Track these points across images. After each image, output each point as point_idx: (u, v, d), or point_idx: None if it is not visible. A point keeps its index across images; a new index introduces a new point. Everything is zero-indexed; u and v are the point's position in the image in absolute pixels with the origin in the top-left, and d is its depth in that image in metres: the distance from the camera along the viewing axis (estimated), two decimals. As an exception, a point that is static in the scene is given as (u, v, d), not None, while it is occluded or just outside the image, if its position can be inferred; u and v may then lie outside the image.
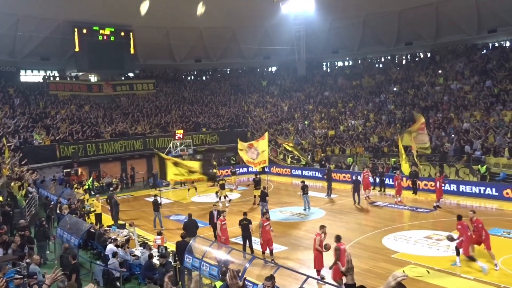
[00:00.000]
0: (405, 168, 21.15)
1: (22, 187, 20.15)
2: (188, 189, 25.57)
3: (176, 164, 17.77)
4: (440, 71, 32.94)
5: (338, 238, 10.67)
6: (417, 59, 37.55)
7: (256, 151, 20.62)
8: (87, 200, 21.15)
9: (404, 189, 21.26)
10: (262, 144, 20.69)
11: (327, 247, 11.01)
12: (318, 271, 11.35)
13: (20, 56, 34.62)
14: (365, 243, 14.48)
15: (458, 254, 11.81)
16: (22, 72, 36.07)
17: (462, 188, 21.32)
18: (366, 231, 15.83)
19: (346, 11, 36.03)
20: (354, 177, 21.57)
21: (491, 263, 11.42)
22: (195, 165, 18.00)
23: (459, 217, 12.00)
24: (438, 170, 21.69)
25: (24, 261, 11.23)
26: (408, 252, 13.26)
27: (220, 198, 22.37)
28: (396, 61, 38.85)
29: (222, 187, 22.64)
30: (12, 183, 19.71)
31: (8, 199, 18.90)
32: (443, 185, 19.67)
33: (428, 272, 11.48)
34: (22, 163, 24.07)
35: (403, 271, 11.25)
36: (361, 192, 20.98)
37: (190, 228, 14.14)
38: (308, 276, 9.11)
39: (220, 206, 20.16)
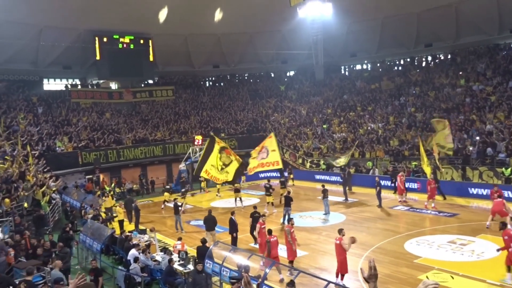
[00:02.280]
0: (427, 171, 20.86)
1: (45, 193, 20.59)
2: (218, 189, 26.02)
3: (221, 151, 17.70)
4: (461, 73, 32.43)
5: (269, 232, 12.45)
6: (437, 60, 37.05)
7: (266, 150, 20.26)
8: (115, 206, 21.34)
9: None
10: (270, 143, 20.09)
11: (353, 241, 10.85)
12: (343, 275, 11.22)
13: (43, 65, 35.46)
14: (387, 248, 14.28)
15: (509, 270, 10.76)
16: (45, 81, 36.94)
17: (486, 191, 20.82)
18: (388, 236, 15.61)
19: (364, 14, 35.83)
20: (376, 180, 21.32)
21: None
22: (234, 165, 17.81)
23: (505, 225, 11.12)
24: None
25: (48, 266, 11.43)
26: (431, 257, 13.00)
27: (236, 201, 22.57)
28: (416, 63, 38.40)
29: (237, 190, 22.75)
30: (36, 190, 20.15)
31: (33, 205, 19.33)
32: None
33: (452, 278, 11.24)
34: (45, 170, 24.58)
35: (427, 277, 11.08)
36: (383, 195, 20.74)
37: (208, 223, 15.63)
38: (329, 282, 9.03)
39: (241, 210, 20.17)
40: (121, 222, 18.72)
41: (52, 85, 37.55)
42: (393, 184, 23.60)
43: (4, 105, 30.86)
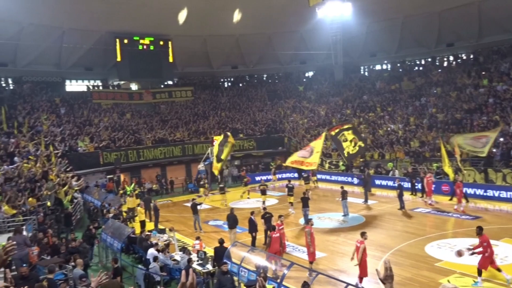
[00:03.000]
0: (449, 173, 20.49)
1: (67, 192, 20.99)
2: (243, 192, 26.14)
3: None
4: (484, 72, 31.75)
5: (273, 227, 13.24)
6: (459, 60, 36.39)
7: (311, 150, 20.23)
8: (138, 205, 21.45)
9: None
10: (318, 144, 20.09)
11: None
12: (361, 279, 11.11)
13: (65, 67, 36.19)
14: (407, 250, 14.08)
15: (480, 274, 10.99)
16: (67, 82, 37.70)
17: (510, 194, 20.33)
18: (408, 239, 15.39)
19: (384, 14, 35.42)
20: (396, 182, 21.04)
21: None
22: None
23: (481, 229, 11.26)
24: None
25: (70, 264, 11.65)
26: (452, 261, 12.73)
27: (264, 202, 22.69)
28: (437, 63, 37.79)
29: (264, 192, 22.79)
30: (59, 189, 20.56)
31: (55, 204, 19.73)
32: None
33: (475, 282, 11.02)
34: (68, 169, 25.06)
35: (448, 281, 10.88)
36: (405, 197, 20.49)
37: (230, 221, 16.04)
38: (348, 284, 8.96)
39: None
40: (142, 222, 18.93)
41: (74, 86, 38.31)
42: (414, 186, 23.30)
43: (28, 106, 31.59)
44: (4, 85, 34.13)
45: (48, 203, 19.34)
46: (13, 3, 27.58)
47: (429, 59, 38.31)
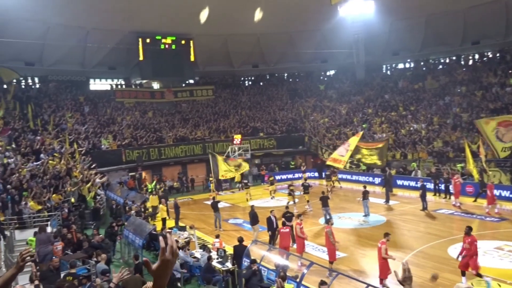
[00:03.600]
0: (474, 174, 20.03)
1: (91, 189, 21.40)
2: (272, 190, 25.95)
3: (225, 160, 22.68)
4: (511, 71, 30.91)
5: (283, 223, 14.03)
6: (485, 59, 35.51)
7: (347, 145, 20.13)
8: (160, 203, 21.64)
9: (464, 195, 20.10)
10: (353, 142, 20.14)
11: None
12: (382, 280, 10.99)
13: (89, 66, 36.89)
14: (429, 252, 13.85)
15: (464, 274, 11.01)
16: (91, 81, 38.41)
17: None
18: (430, 240, 15.13)
19: (407, 12, 34.87)
20: (420, 182, 20.69)
21: None
22: (245, 165, 22.70)
23: (471, 229, 11.25)
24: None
25: (93, 259, 11.88)
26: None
27: (289, 202, 22.69)
28: (462, 62, 37.00)
29: (293, 192, 22.61)
30: (83, 186, 20.98)
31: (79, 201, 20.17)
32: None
33: (500, 286, 10.76)
34: (91, 167, 25.56)
35: (472, 284, 10.65)
36: (428, 198, 20.16)
37: (252, 217, 16.25)
38: (369, 285, 8.87)
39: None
40: (163, 220, 19.15)
41: (98, 85, 38.98)
42: (437, 187, 22.89)
43: (53, 105, 32.33)
44: (30, 84, 34.99)
45: (72, 200, 19.76)
46: (40, 3, 28.22)
47: (454, 58, 37.54)
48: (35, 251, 12.13)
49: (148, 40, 36.92)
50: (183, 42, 38.54)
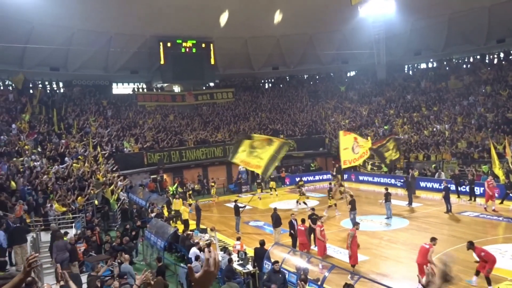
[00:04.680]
0: (500, 175, 19.52)
1: (114, 191, 21.74)
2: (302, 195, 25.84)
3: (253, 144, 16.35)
4: (538, 70, 30.10)
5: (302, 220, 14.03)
6: (511, 57, 34.60)
7: (357, 144, 19.98)
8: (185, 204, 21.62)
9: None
10: (363, 142, 20.12)
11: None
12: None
13: (112, 71, 37.56)
14: (454, 255, 13.55)
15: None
16: (114, 85, 39.10)
17: None
18: (455, 243, 14.81)
19: (429, 11, 34.28)
20: (443, 184, 20.28)
21: None
22: (269, 151, 15.99)
23: (472, 244, 11.34)
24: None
25: (117, 260, 12.07)
26: (503, 267, 12.17)
27: (299, 203, 22.63)
28: (487, 61, 36.17)
29: (303, 193, 22.91)
30: (106, 188, 21.34)
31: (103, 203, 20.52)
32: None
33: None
34: (114, 169, 25.97)
35: (498, 287, 10.38)
36: (452, 200, 19.78)
37: (274, 219, 16.23)
38: (391, 288, 8.75)
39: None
40: (186, 222, 19.24)
41: (120, 89, 39.64)
42: (462, 188, 22.40)
43: (77, 109, 33.03)
44: (55, 88, 35.84)
45: (96, 202, 20.11)
46: (66, 10, 28.89)
47: (478, 56, 36.72)
48: (53, 257, 12.40)
49: (169, 44, 37.35)
50: (203, 45, 38.84)
